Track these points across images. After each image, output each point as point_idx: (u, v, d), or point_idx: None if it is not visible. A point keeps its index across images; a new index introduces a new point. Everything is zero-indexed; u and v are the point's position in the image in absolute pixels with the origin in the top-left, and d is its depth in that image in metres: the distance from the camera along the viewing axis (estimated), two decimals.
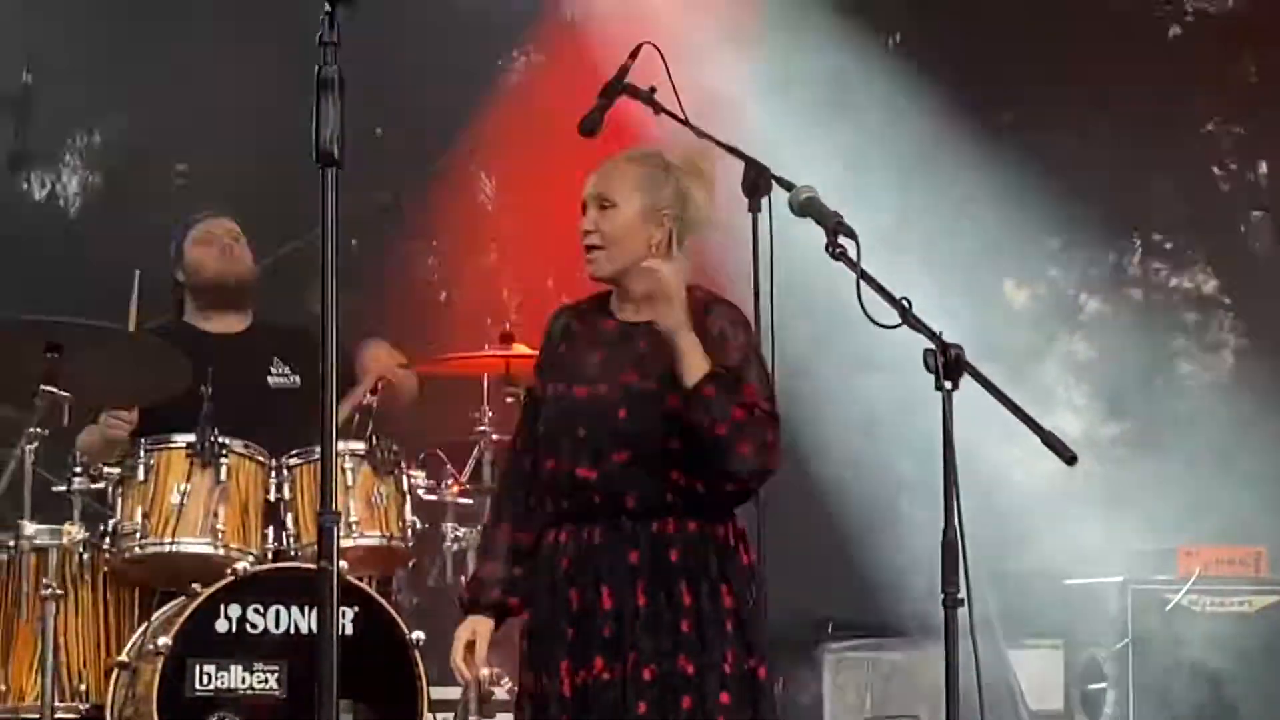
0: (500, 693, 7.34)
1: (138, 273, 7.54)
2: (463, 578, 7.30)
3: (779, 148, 7.24)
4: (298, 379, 7.48)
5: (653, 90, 6.23)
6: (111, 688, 6.79)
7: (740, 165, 5.99)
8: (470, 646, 5.21)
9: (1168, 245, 9.86)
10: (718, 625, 5.12)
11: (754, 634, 5.19)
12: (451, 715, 7.18)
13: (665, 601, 5.10)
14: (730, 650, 5.11)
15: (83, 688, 6.88)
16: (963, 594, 4.94)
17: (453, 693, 7.11)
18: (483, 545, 5.50)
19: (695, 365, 5.01)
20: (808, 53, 9.20)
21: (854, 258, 5.10)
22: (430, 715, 6.80)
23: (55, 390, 6.71)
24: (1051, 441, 5.24)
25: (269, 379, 7.49)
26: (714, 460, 5.03)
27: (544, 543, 5.28)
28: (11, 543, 6.86)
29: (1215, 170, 9.85)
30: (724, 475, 5.07)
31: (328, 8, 4.74)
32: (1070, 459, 5.31)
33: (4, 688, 6.90)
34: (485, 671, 7.19)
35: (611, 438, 5.16)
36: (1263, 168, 9.49)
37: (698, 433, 5.02)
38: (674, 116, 6.15)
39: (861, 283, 5.07)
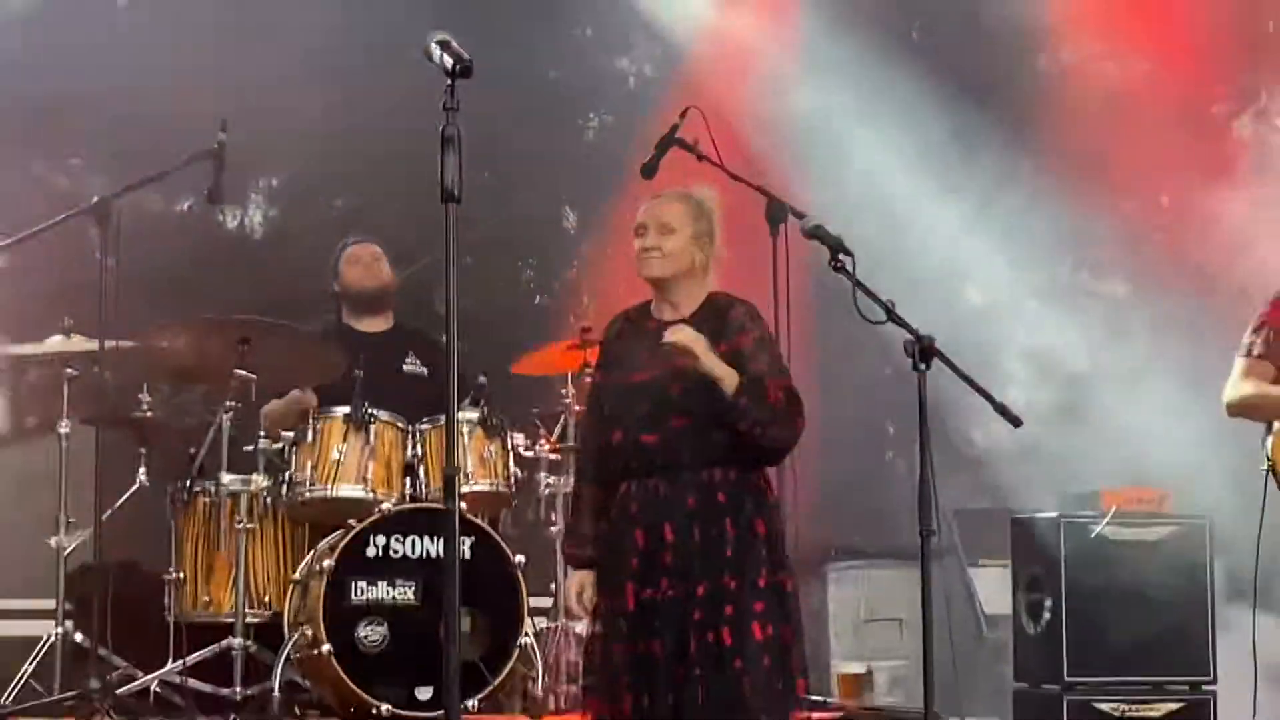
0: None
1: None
2: (553, 514, 7.35)
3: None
4: (425, 369, 7.51)
5: (696, 142, 6.26)
6: (288, 599, 6.87)
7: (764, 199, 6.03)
8: (580, 594, 5.25)
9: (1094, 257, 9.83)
10: (753, 550, 5.17)
11: (780, 556, 5.25)
12: (544, 618, 7.24)
13: (714, 534, 5.14)
14: (763, 569, 5.15)
15: (266, 599, 6.97)
16: (934, 527, 5.01)
17: (545, 602, 7.26)
18: (575, 504, 5.50)
19: (728, 383, 5.08)
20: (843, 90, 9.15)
21: (850, 270, 5.15)
22: (528, 619, 6.85)
23: (244, 372, 6.79)
24: (1002, 409, 5.29)
25: (404, 367, 7.52)
26: (755, 448, 5.15)
27: (617, 494, 5.30)
28: (213, 489, 6.92)
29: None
30: (763, 454, 5.23)
31: (449, 81, 4.83)
32: (1017, 422, 5.37)
33: (208, 599, 6.97)
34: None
35: (670, 409, 5.19)
36: (1164, 200, 9.43)
37: (740, 433, 5.11)
38: (713, 163, 6.19)
39: (856, 289, 5.12)
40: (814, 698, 6.16)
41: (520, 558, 6.83)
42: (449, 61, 4.84)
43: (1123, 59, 9.77)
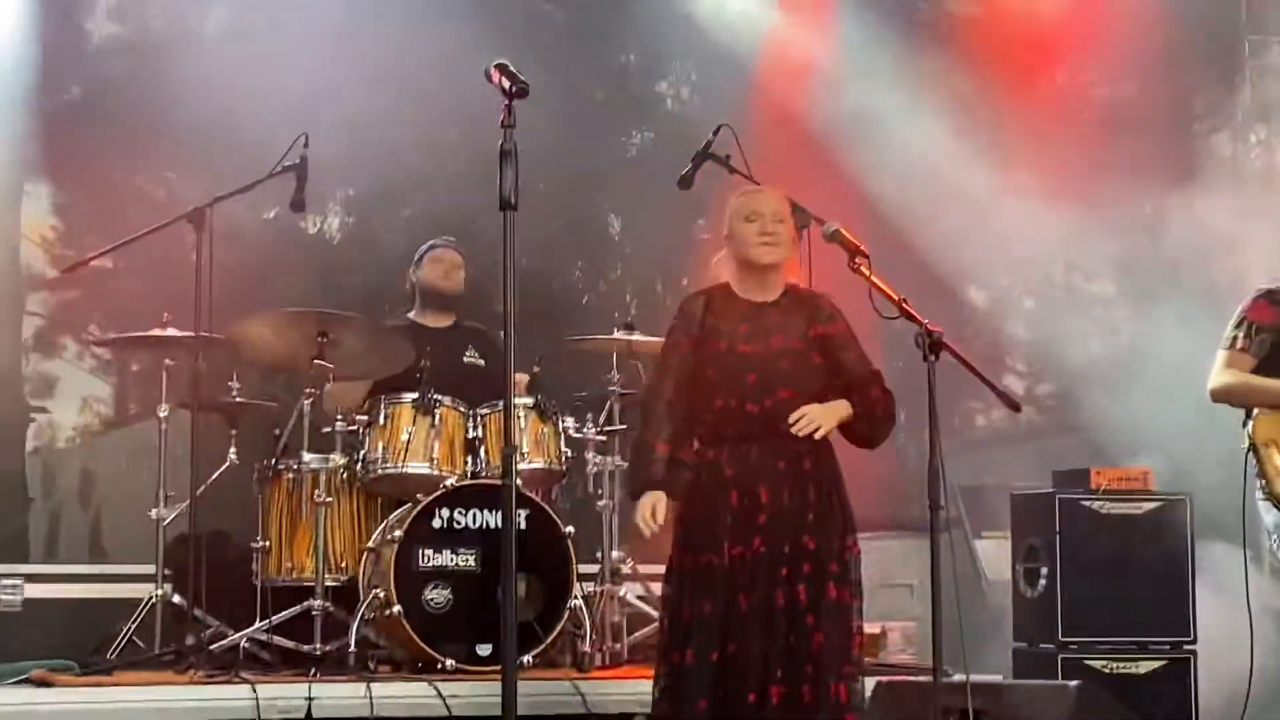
0: (625, 569, 7.37)
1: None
2: (600, 490, 7.33)
3: None
4: (482, 360, 7.49)
5: (728, 157, 6.25)
6: (362, 565, 6.89)
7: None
8: (652, 512, 5.20)
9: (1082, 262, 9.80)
10: (831, 516, 5.24)
11: (851, 523, 5.30)
12: (591, 583, 7.20)
13: (800, 498, 5.19)
14: (838, 534, 5.22)
15: (343, 565, 6.99)
16: (942, 502, 5.01)
17: (592, 568, 7.21)
18: (643, 454, 5.39)
19: (846, 412, 5.26)
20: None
21: (866, 272, 5.15)
22: (577, 584, 6.87)
23: (322, 362, 6.82)
24: (1003, 396, 5.29)
25: (465, 359, 7.51)
26: (862, 439, 5.33)
27: (707, 458, 5.32)
28: (295, 466, 6.96)
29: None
30: (860, 444, 5.36)
31: (507, 101, 4.85)
32: (1016, 408, 5.36)
33: (290, 564, 7.00)
34: (616, 553, 7.26)
35: (777, 382, 5.22)
36: (1148, 208, 9.38)
37: (853, 430, 5.31)
38: (742, 174, 6.18)
39: (871, 288, 5.13)
40: None
41: (570, 528, 6.84)
42: (507, 84, 4.91)
43: (1115, 82, 9.73)
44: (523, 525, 6.30)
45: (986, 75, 9.69)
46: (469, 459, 6.93)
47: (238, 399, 7.46)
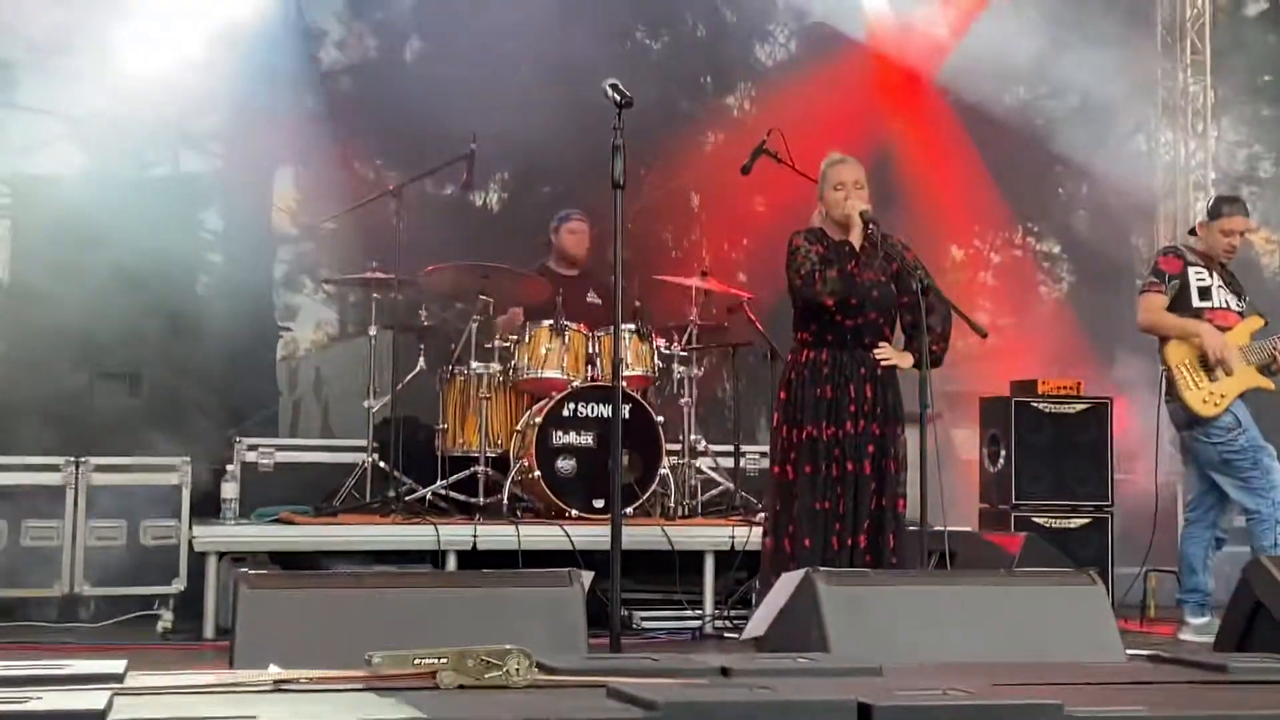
0: (699, 448, 7.36)
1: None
2: (682, 390, 7.18)
3: None
4: (599, 300, 7.37)
5: (777, 152, 6.15)
6: (513, 442, 6.89)
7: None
8: None
9: (1035, 228, 9.69)
10: (891, 412, 5.25)
11: (903, 418, 5.29)
12: (675, 457, 7.11)
13: (874, 396, 5.20)
14: (895, 425, 5.25)
15: (498, 442, 6.97)
16: (929, 403, 5.00)
17: (675, 446, 7.11)
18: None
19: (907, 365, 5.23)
20: None
21: (879, 233, 5.12)
22: (665, 457, 6.85)
23: (485, 296, 6.85)
24: (974, 326, 5.22)
25: (587, 298, 7.40)
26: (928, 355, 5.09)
27: (808, 355, 5.27)
28: (465, 371, 6.93)
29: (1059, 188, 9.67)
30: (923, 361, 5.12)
31: (617, 110, 4.82)
32: (984, 335, 5.30)
33: (462, 440, 6.98)
34: (693, 436, 7.23)
35: (868, 305, 5.21)
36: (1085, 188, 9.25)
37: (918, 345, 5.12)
38: (789, 165, 6.09)
39: (881, 245, 5.12)
40: None
41: (660, 418, 6.82)
42: (617, 97, 4.86)
43: (1059, 97, 9.55)
44: (626, 415, 6.26)
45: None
46: (589, 367, 6.90)
47: (425, 323, 7.53)
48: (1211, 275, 5.91)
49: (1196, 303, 5.86)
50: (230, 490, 6.50)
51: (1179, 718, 2.04)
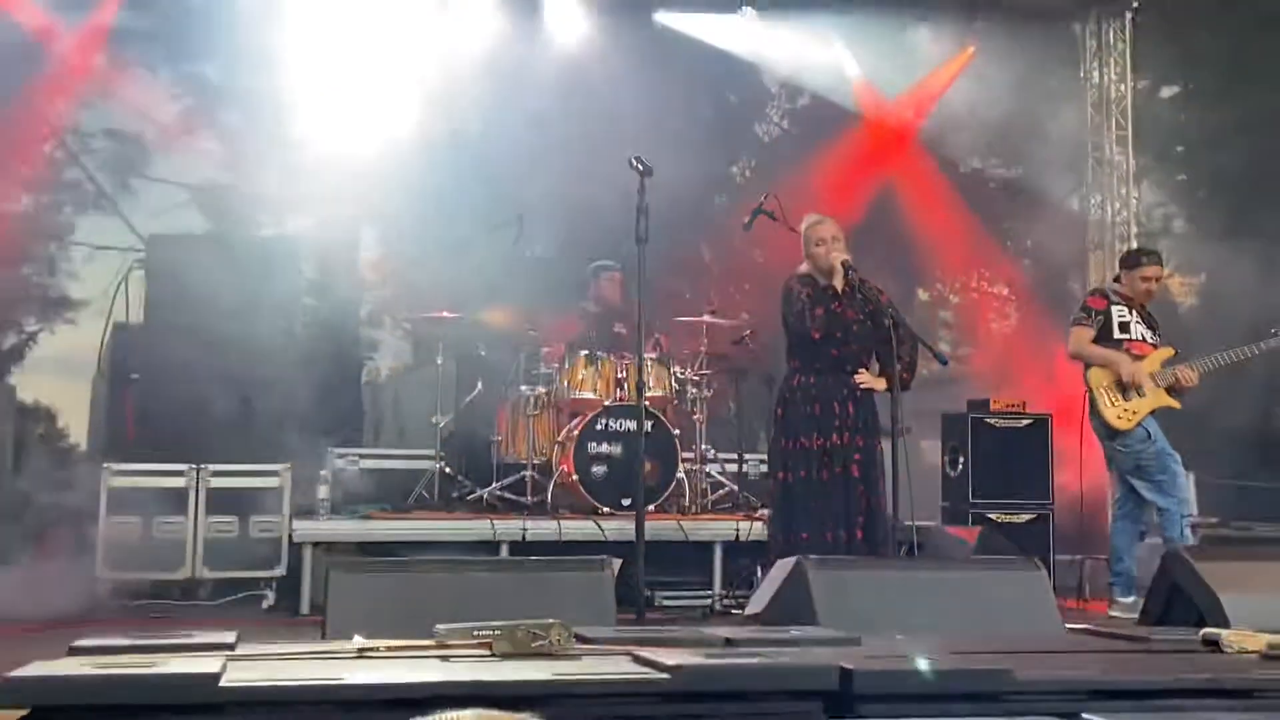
0: (709, 456, 7.33)
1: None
2: (696, 409, 7.15)
3: None
4: (625, 332, 7.17)
5: (772, 214, 6.08)
6: (554, 451, 6.90)
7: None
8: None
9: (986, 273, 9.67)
10: (873, 425, 5.25)
11: (880, 430, 5.25)
12: (689, 464, 7.04)
13: (855, 412, 5.19)
14: (874, 436, 5.24)
15: (543, 451, 6.97)
16: (900, 420, 4.96)
17: (689, 454, 7.05)
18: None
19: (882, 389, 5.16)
20: None
21: (855, 274, 5.12)
22: (680, 463, 6.82)
23: (533, 331, 6.86)
24: (936, 354, 5.22)
25: (614, 330, 7.28)
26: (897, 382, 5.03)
27: (800, 379, 5.26)
28: (516, 392, 6.96)
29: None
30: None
31: (640, 179, 4.83)
32: (944, 362, 5.30)
33: (513, 450, 7.03)
34: (704, 446, 7.19)
35: (851, 338, 5.22)
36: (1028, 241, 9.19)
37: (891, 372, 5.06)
38: (786, 224, 6.03)
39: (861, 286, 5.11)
40: None
41: (677, 431, 6.82)
42: (640, 168, 4.89)
43: (1009, 165, 9.53)
44: (648, 429, 6.29)
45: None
46: (617, 389, 6.90)
47: (483, 353, 7.54)
48: (1131, 313, 5.91)
49: (1117, 335, 5.87)
50: (323, 491, 6.52)
51: (1109, 681, 2.02)
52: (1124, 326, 5.88)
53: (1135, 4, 9.43)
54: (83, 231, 10.24)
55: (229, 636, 2.27)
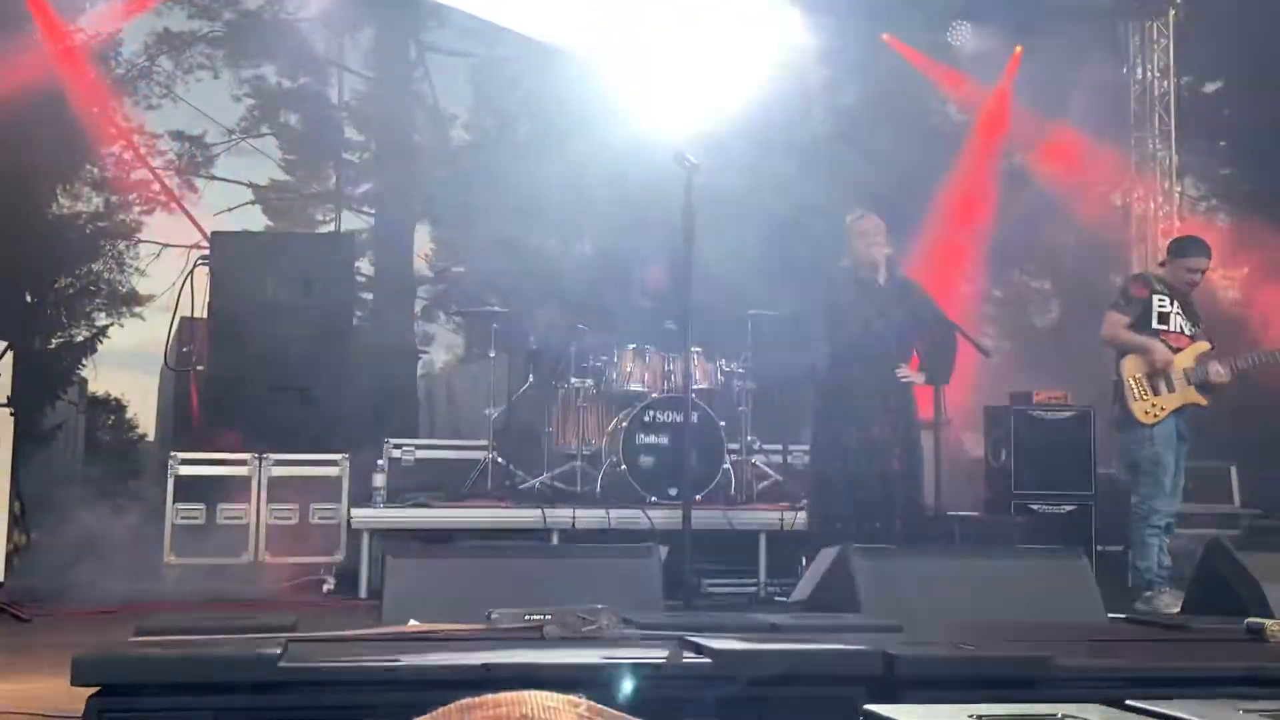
0: (754, 446, 7.27)
1: None
2: (739, 400, 7.08)
3: None
4: (674, 327, 7.20)
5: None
6: (604, 441, 6.85)
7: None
8: None
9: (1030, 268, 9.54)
10: (910, 417, 5.22)
11: (919, 421, 5.25)
12: (735, 455, 7.01)
13: (896, 403, 5.17)
14: (914, 427, 5.23)
15: (592, 441, 6.89)
16: (944, 414, 4.93)
17: (734, 445, 7.00)
18: None
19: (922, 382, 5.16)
20: None
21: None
22: (726, 454, 6.74)
23: (582, 325, 6.84)
24: (980, 348, 5.17)
25: (664, 326, 6.99)
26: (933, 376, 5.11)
27: (842, 372, 5.23)
28: (566, 385, 6.90)
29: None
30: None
31: (685, 176, 4.80)
32: (988, 355, 5.24)
33: (563, 440, 6.91)
34: (749, 437, 7.15)
35: (894, 331, 5.19)
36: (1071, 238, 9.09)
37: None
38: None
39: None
40: None
41: (722, 422, 6.77)
42: (687, 163, 4.87)
43: (1052, 161, 9.39)
44: (695, 420, 6.26)
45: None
46: (665, 382, 6.87)
47: (534, 346, 7.55)
48: (1172, 303, 5.72)
49: (1155, 325, 5.69)
50: (380, 480, 6.56)
51: (1152, 668, 1.99)
52: (1163, 317, 5.69)
53: (1179, 3, 9.27)
54: (150, 230, 10.40)
55: (289, 619, 2.30)
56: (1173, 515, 5.61)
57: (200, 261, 7.49)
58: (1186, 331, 5.70)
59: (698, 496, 6.25)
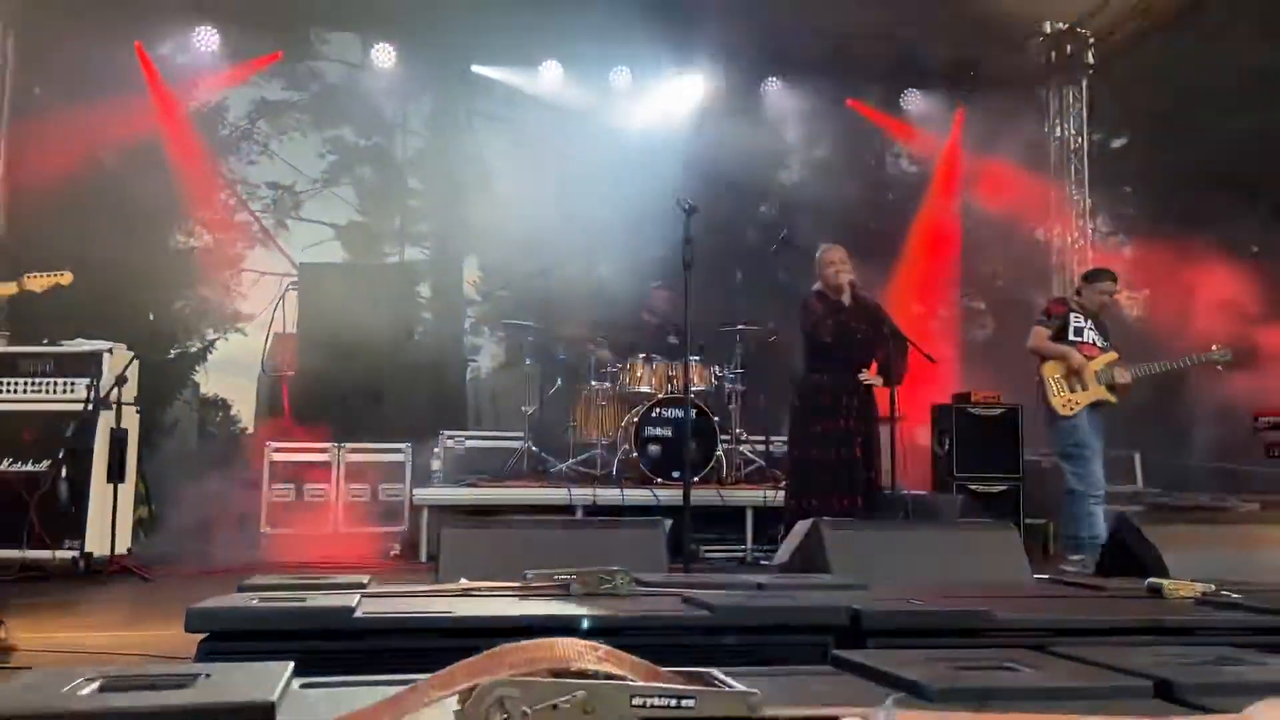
0: (742, 437, 7.24)
1: None
2: (732, 401, 7.08)
3: None
4: (675, 340, 7.09)
5: (789, 243, 5.98)
6: (618, 433, 6.84)
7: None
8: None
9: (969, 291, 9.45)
10: (873, 414, 5.17)
11: (879, 418, 5.17)
12: (726, 444, 6.96)
13: (859, 403, 5.12)
14: (876, 424, 5.15)
15: (609, 434, 6.91)
16: (898, 411, 4.87)
17: (725, 436, 6.96)
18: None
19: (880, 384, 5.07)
20: None
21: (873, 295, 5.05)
22: (719, 443, 6.76)
23: (602, 337, 6.82)
24: (926, 356, 5.11)
25: (668, 340, 7.12)
26: (890, 378, 5.01)
27: (814, 376, 5.22)
28: (588, 387, 6.91)
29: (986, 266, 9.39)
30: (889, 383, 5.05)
31: (686, 215, 4.79)
32: (933, 361, 5.19)
33: (585, 433, 6.96)
34: (738, 430, 7.12)
35: (856, 343, 5.15)
36: (1001, 267, 9.02)
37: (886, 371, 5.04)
38: (797, 247, 5.93)
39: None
40: None
41: (716, 418, 6.76)
42: (686, 206, 4.84)
43: (986, 203, 9.32)
44: (693, 416, 6.26)
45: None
46: (668, 384, 6.87)
47: (561, 356, 7.54)
48: (1086, 320, 5.73)
49: (1071, 337, 5.68)
50: (436, 464, 6.59)
51: (1068, 620, 1.98)
52: (1078, 330, 5.70)
53: (1090, 72, 9.27)
54: (250, 261, 10.45)
55: (363, 578, 2.29)
56: (1104, 490, 5.59)
57: (290, 287, 7.52)
58: (1098, 344, 5.70)
59: (695, 478, 6.26)
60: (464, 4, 8.01)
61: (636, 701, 0.87)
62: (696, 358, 6.80)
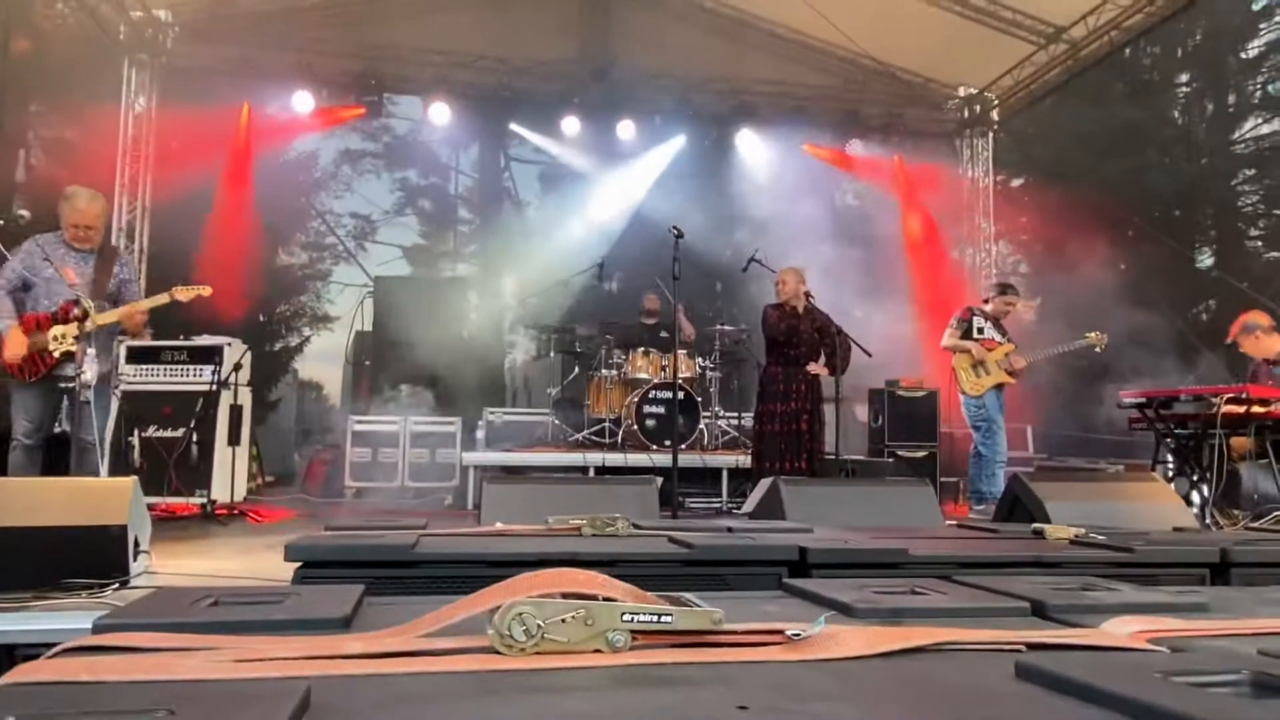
0: (719, 414, 7.18)
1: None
2: (710, 387, 7.00)
3: None
4: (667, 334, 7.04)
5: (760, 262, 5.96)
6: (623, 410, 6.75)
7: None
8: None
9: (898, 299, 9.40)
10: (819, 396, 5.11)
11: (823, 399, 5.13)
12: (708, 419, 6.91)
13: (808, 390, 5.07)
14: (821, 404, 5.09)
15: (616, 410, 6.82)
16: (841, 392, 4.83)
17: (707, 413, 6.91)
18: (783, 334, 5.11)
19: (825, 371, 4.99)
20: None
21: (816, 304, 5.03)
22: (701, 418, 6.75)
23: (609, 335, 6.74)
24: (863, 350, 5.08)
25: (660, 335, 7.06)
26: (834, 368, 4.97)
27: (773, 368, 5.16)
28: (599, 374, 6.82)
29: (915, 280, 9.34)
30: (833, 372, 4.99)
31: (675, 241, 4.75)
32: (869, 355, 5.16)
33: (598, 409, 6.91)
34: (716, 407, 7.09)
35: (805, 341, 5.09)
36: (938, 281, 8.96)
37: (831, 363, 4.99)
38: (767, 268, 5.94)
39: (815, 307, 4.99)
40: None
41: (699, 398, 6.71)
42: (676, 233, 4.81)
43: (914, 231, 9.27)
44: (681, 397, 6.24)
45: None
46: (663, 372, 6.85)
47: (579, 349, 7.53)
48: (988, 323, 5.73)
49: (975, 335, 5.68)
50: (480, 434, 6.60)
51: (971, 555, 1.99)
52: (981, 330, 5.70)
53: (995, 126, 9.26)
54: (336, 275, 10.52)
55: (421, 521, 2.31)
56: (1005, 456, 5.60)
57: (367, 295, 7.53)
58: (998, 338, 5.70)
59: (683, 445, 6.26)
60: (503, 74, 8.02)
61: (626, 617, 0.89)
62: (684, 351, 6.79)
